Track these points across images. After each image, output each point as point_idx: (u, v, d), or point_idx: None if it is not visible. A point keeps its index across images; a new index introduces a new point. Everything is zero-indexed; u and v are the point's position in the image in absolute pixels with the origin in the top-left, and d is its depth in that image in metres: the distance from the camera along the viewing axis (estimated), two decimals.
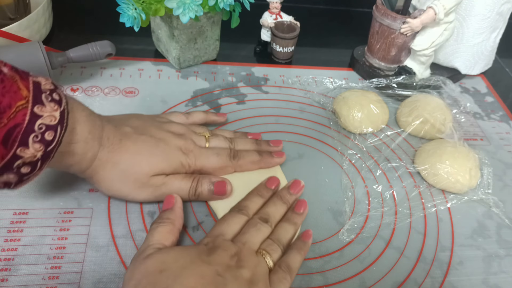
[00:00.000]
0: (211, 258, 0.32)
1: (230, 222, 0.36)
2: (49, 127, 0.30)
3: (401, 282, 0.38)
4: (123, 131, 0.38)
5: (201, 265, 0.31)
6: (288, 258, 0.35)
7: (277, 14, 0.59)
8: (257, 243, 0.35)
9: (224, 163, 0.41)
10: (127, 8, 0.46)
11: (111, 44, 0.52)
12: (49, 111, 0.30)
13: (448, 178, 0.45)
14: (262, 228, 0.36)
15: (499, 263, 0.41)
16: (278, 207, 0.39)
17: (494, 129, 0.56)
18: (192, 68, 0.58)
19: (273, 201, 0.39)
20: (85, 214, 0.39)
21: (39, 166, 0.30)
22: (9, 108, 0.27)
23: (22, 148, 0.28)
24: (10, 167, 0.29)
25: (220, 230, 0.35)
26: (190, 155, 0.40)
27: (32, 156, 0.29)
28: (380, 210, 0.43)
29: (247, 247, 0.34)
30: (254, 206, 0.38)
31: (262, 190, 0.40)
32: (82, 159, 0.34)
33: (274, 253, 0.35)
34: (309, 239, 0.38)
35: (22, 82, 0.29)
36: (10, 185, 0.30)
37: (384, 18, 0.54)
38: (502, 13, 0.56)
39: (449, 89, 0.54)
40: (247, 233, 0.35)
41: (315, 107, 0.55)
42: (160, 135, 0.40)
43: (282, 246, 0.36)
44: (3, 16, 0.55)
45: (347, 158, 0.48)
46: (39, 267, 0.35)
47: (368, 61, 0.60)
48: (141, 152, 0.38)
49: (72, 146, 0.33)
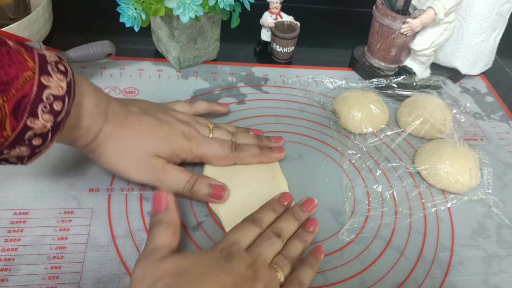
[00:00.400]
0: (229, 266, 0.31)
1: (245, 232, 0.36)
2: (57, 97, 0.30)
3: (401, 282, 0.38)
4: (129, 109, 0.38)
5: (220, 273, 0.30)
6: (300, 274, 0.35)
7: (277, 14, 0.59)
8: (270, 256, 0.35)
9: (226, 153, 0.42)
10: (127, 8, 0.46)
11: (111, 44, 0.52)
12: (56, 81, 0.30)
13: (448, 178, 0.45)
14: (275, 242, 0.35)
15: (499, 263, 0.41)
16: (290, 224, 0.38)
17: (494, 129, 0.56)
18: (192, 68, 0.58)
19: (285, 217, 0.39)
20: (85, 214, 0.39)
21: (49, 137, 0.31)
22: (16, 78, 0.28)
23: (32, 118, 0.29)
24: (22, 139, 0.29)
25: (235, 238, 0.35)
26: (192, 141, 0.40)
27: (42, 126, 0.29)
28: (380, 210, 0.43)
29: (262, 260, 0.33)
30: (268, 219, 0.38)
31: (275, 205, 0.40)
32: (88, 132, 0.35)
33: (285, 269, 0.34)
34: (321, 255, 0.37)
35: (27, 54, 0.29)
36: (23, 159, 0.31)
37: (384, 18, 0.54)
38: (502, 13, 0.56)
39: (449, 89, 0.54)
40: (261, 246, 0.35)
41: (315, 107, 0.55)
42: (165, 118, 0.40)
43: (292, 263, 0.35)
44: (3, 16, 0.55)
45: (347, 158, 0.48)
46: (39, 267, 0.35)
47: (368, 61, 0.60)
48: (145, 130, 0.38)
49: (78, 119, 0.33)
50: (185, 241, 0.38)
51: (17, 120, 0.28)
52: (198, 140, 0.41)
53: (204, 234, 0.39)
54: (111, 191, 0.41)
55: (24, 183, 0.40)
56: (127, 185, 0.42)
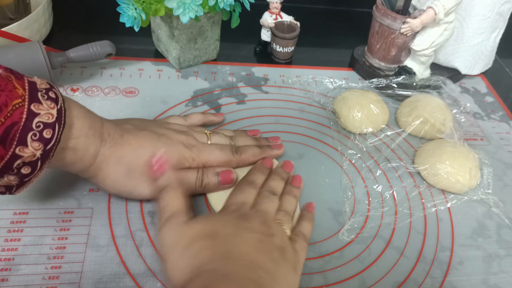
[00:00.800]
0: (248, 225, 0.34)
1: (246, 193, 0.38)
2: (47, 125, 0.30)
3: (401, 282, 0.38)
4: (123, 127, 0.38)
5: (244, 233, 0.33)
6: (302, 228, 0.38)
7: (277, 14, 0.59)
8: (273, 212, 0.37)
9: (228, 157, 0.42)
10: (127, 8, 0.46)
11: (111, 44, 0.52)
12: (46, 109, 0.30)
13: (448, 178, 0.45)
14: (274, 199, 0.38)
15: (499, 263, 0.41)
16: (278, 182, 0.41)
17: (494, 129, 0.56)
18: (192, 68, 0.58)
19: (273, 177, 0.41)
20: (85, 214, 0.39)
21: (39, 166, 0.30)
22: (5, 106, 0.27)
23: (21, 147, 0.28)
24: (10, 168, 0.29)
25: (241, 199, 0.37)
26: (193, 149, 0.40)
27: (31, 155, 0.29)
28: (380, 210, 0.43)
29: (269, 217, 0.36)
30: (260, 180, 0.41)
31: (262, 167, 0.42)
32: (84, 155, 0.34)
33: (288, 223, 0.37)
34: (313, 210, 0.41)
35: (17, 81, 0.29)
36: (12, 189, 0.30)
37: (384, 18, 0.54)
38: (502, 13, 0.56)
39: (449, 89, 0.54)
40: (264, 204, 0.37)
41: (315, 107, 0.55)
42: (161, 131, 0.40)
43: (291, 217, 0.39)
44: (3, 16, 0.55)
45: (347, 158, 0.48)
46: (39, 267, 0.35)
47: (368, 61, 0.60)
48: (144, 145, 0.38)
49: (73, 141, 0.33)
50: None
51: (5, 148, 0.28)
52: (199, 147, 0.41)
53: None
54: None
55: None
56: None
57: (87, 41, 0.51)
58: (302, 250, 0.36)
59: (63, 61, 0.49)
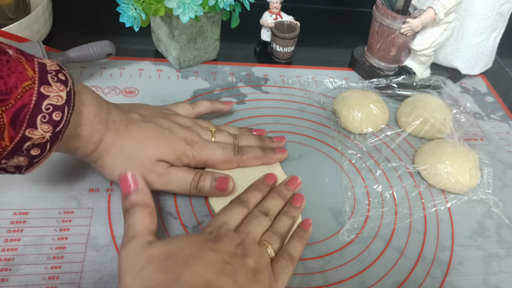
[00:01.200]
0: (217, 246, 0.32)
1: (232, 213, 0.36)
2: (56, 107, 0.30)
3: (401, 282, 0.38)
4: (129, 116, 0.38)
5: (208, 253, 0.31)
6: (290, 247, 0.36)
7: (277, 14, 0.59)
8: (259, 234, 0.35)
9: (229, 157, 0.42)
10: (127, 8, 0.46)
11: (111, 44, 0.52)
12: (55, 91, 0.30)
13: (448, 178, 0.45)
14: (263, 220, 0.36)
15: (499, 263, 0.41)
16: (276, 202, 0.39)
17: (494, 129, 0.56)
18: (192, 68, 0.58)
19: (271, 196, 0.40)
20: (85, 214, 0.39)
21: (48, 147, 0.31)
22: (15, 88, 0.28)
23: (30, 129, 0.29)
24: (20, 149, 0.29)
25: (223, 220, 0.36)
26: (195, 147, 0.40)
27: (41, 137, 0.29)
28: (380, 210, 0.43)
29: (250, 238, 0.34)
30: (254, 199, 0.39)
31: (260, 185, 0.41)
32: (88, 142, 0.35)
33: (274, 244, 0.35)
34: (309, 228, 0.39)
35: (27, 63, 0.29)
36: (21, 169, 0.31)
37: (384, 18, 0.54)
38: (502, 13, 0.56)
39: (449, 89, 0.54)
40: (249, 224, 0.36)
41: (315, 107, 0.55)
42: (166, 124, 0.40)
43: (281, 237, 0.37)
44: (3, 16, 0.55)
45: (347, 158, 0.48)
46: (39, 267, 0.35)
47: (368, 61, 0.60)
48: (147, 138, 0.38)
49: (78, 129, 0.33)
50: None
51: (15, 130, 0.28)
52: (201, 145, 0.41)
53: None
54: (111, 191, 0.41)
55: (24, 183, 0.40)
56: None
57: (87, 41, 0.51)
58: (284, 271, 0.34)
59: (63, 61, 0.49)
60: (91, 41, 0.51)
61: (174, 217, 0.40)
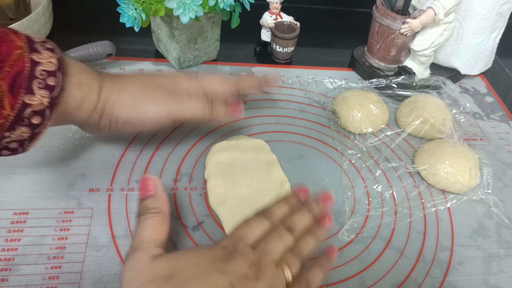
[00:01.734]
0: (227, 266, 0.29)
1: (253, 226, 0.33)
2: (50, 73, 0.31)
3: (401, 282, 0.38)
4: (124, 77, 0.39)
5: (214, 275, 0.28)
6: (309, 274, 0.33)
7: (277, 14, 0.59)
8: (278, 252, 0.32)
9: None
10: (127, 8, 0.46)
11: (111, 44, 0.52)
12: (46, 57, 0.31)
13: (448, 178, 0.45)
14: (285, 237, 0.33)
15: (499, 263, 0.41)
16: (303, 218, 0.35)
17: (494, 129, 0.56)
18: (192, 68, 0.58)
19: (299, 212, 0.36)
20: (85, 214, 0.39)
21: (48, 114, 0.31)
22: (8, 55, 0.29)
23: (29, 95, 0.30)
24: (21, 118, 0.30)
25: (242, 233, 0.33)
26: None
27: (39, 103, 0.30)
28: (380, 210, 0.43)
29: (268, 257, 0.31)
30: (280, 212, 0.35)
31: (289, 198, 0.37)
32: (90, 91, 0.35)
33: (294, 267, 0.32)
34: (333, 256, 0.35)
35: (14, 35, 0.30)
36: (23, 143, 0.31)
37: (384, 18, 0.54)
38: (502, 13, 0.56)
39: (449, 89, 0.54)
40: (269, 241, 0.32)
41: (315, 107, 0.55)
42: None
43: (302, 260, 0.33)
44: (3, 16, 0.55)
45: (347, 158, 0.48)
46: (39, 267, 0.35)
47: (368, 61, 0.60)
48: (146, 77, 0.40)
49: (76, 79, 0.34)
50: (185, 241, 0.38)
51: (14, 97, 0.29)
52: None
53: (204, 234, 0.39)
54: (111, 191, 0.41)
55: (24, 183, 0.40)
56: (127, 184, 0.42)
57: (87, 41, 0.51)
58: None
59: None
60: (92, 41, 0.51)
61: (174, 217, 0.40)
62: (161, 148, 0.46)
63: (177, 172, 0.44)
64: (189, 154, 0.46)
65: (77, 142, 0.45)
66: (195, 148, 0.47)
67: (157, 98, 0.38)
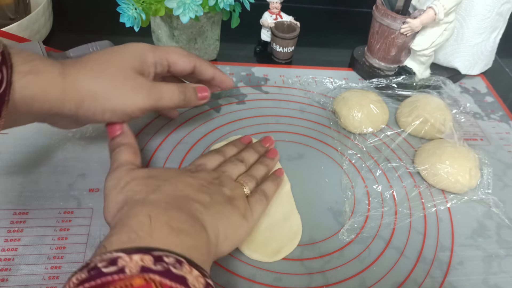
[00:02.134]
0: (196, 175, 0.35)
1: (210, 158, 0.39)
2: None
3: (401, 282, 0.38)
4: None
5: (187, 177, 0.34)
6: (264, 186, 0.39)
7: (277, 14, 0.59)
8: (234, 174, 0.38)
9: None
10: (127, 8, 0.46)
11: (111, 44, 0.52)
12: None
13: (448, 178, 0.45)
14: (238, 164, 0.39)
15: (499, 263, 0.41)
16: (251, 154, 0.42)
17: (494, 129, 0.56)
18: None
19: (246, 149, 0.42)
20: (85, 214, 0.39)
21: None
22: None
23: None
24: None
25: (201, 162, 0.39)
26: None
27: None
28: (380, 210, 0.43)
29: (226, 175, 0.37)
30: (230, 152, 0.41)
31: (236, 142, 0.44)
32: (52, 69, 0.32)
33: (249, 183, 0.38)
34: (282, 175, 0.42)
35: None
36: None
37: (384, 18, 0.54)
38: (502, 13, 0.56)
39: (449, 89, 0.54)
40: (225, 166, 0.38)
41: (315, 107, 0.55)
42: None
43: (256, 180, 0.39)
44: (3, 16, 0.55)
45: (347, 158, 0.48)
46: (39, 267, 0.35)
47: (368, 61, 0.60)
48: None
49: (28, 66, 0.31)
50: None
51: None
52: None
53: None
54: None
55: (24, 183, 0.40)
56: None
57: (87, 41, 0.51)
58: (257, 203, 0.36)
59: None
60: (91, 41, 0.51)
61: None
62: (160, 148, 0.46)
63: None
64: (189, 154, 0.46)
65: (77, 142, 0.45)
66: (195, 148, 0.47)
67: (139, 88, 0.36)
